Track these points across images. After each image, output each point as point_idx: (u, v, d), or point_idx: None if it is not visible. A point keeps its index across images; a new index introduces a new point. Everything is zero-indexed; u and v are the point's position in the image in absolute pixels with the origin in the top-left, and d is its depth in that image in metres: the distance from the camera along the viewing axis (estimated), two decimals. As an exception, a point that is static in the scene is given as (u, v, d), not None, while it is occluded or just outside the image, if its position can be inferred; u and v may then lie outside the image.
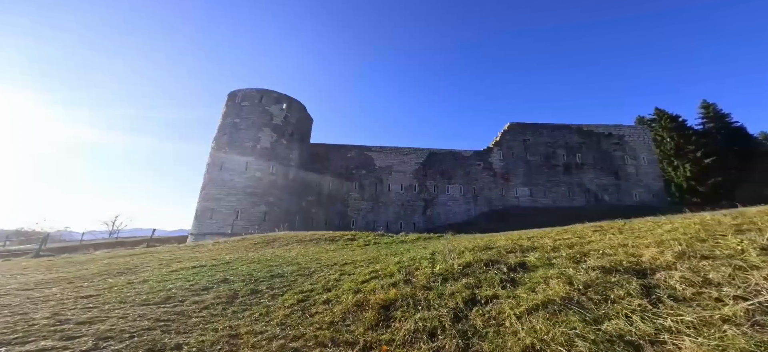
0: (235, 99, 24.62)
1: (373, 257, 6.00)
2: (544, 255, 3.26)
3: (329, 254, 7.20)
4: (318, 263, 6.02)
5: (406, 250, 6.48)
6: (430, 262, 4.16)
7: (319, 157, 29.45)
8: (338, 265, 5.43)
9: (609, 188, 22.45)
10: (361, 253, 6.93)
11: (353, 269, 4.94)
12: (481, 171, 25.27)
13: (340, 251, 7.69)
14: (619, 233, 3.85)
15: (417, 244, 7.69)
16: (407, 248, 6.77)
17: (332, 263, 5.66)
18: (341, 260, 5.98)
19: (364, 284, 3.87)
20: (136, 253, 9.37)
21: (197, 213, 21.78)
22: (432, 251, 4.90)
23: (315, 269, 5.32)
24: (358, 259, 5.86)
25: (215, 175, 22.45)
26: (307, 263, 6.11)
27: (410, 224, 25.56)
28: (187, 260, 7.44)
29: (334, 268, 5.24)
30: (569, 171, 23.46)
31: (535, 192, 23.25)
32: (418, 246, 7.08)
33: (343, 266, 5.26)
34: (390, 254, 6.04)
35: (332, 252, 7.69)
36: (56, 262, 8.60)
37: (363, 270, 4.59)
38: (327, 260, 6.14)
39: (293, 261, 6.40)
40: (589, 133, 24.58)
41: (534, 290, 2.54)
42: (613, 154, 23.59)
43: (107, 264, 7.34)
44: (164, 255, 8.48)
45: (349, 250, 7.87)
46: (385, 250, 7.02)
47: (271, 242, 10.38)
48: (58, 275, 6.26)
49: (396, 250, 6.75)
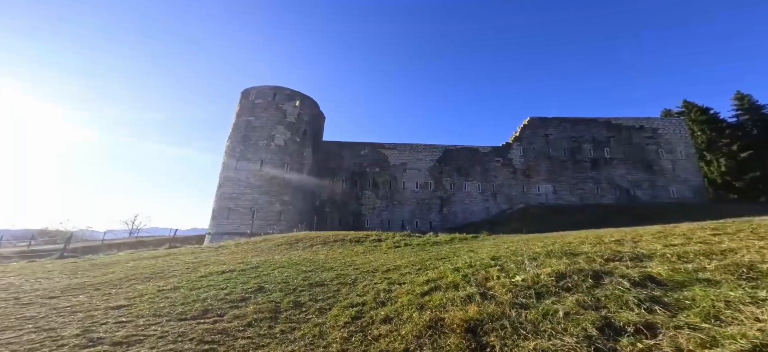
0: (249, 97, 24.48)
1: (414, 261, 5.45)
2: (674, 266, 2.64)
3: (362, 258, 6.71)
4: (354, 267, 5.53)
5: (449, 253, 5.90)
6: (498, 269, 3.58)
7: (332, 155, 29.11)
8: (380, 272, 4.91)
9: (642, 184, 21.10)
10: (398, 256, 6.40)
11: (400, 276, 4.41)
12: (500, 168, 24.35)
13: (372, 254, 7.19)
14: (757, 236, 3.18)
15: (455, 245, 7.10)
16: (450, 251, 6.18)
17: (372, 269, 5.15)
18: (381, 264, 5.46)
19: (425, 297, 3.34)
20: (159, 254, 9.15)
21: (214, 213, 21.80)
22: (492, 256, 4.32)
23: (355, 276, 4.82)
24: (400, 264, 5.34)
25: (231, 174, 22.40)
26: (342, 268, 5.63)
27: (426, 223, 24.94)
28: (213, 263, 7.10)
29: (377, 275, 4.72)
30: (597, 166, 22.22)
31: (559, 189, 22.18)
32: (460, 248, 6.48)
33: (387, 273, 4.74)
34: (434, 257, 5.47)
35: (363, 255, 7.20)
36: (80, 264, 8.45)
37: (415, 279, 4.05)
38: (364, 265, 5.64)
39: (326, 266, 5.94)
40: (618, 126, 23.19)
41: (725, 321, 1.83)
42: (646, 148, 22.16)
43: (132, 267, 7.08)
44: (188, 257, 8.20)
45: (380, 252, 7.36)
46: (425, 253, 6.46)
47: (293, 243, 10.01)
48: (84, 280, 6.00)
49: (437, 253, 6.18)
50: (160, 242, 23.57)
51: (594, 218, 14.56)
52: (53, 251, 14.96)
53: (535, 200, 22.45)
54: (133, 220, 32.09)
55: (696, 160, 21.43)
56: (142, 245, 20.60)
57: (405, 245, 8.10)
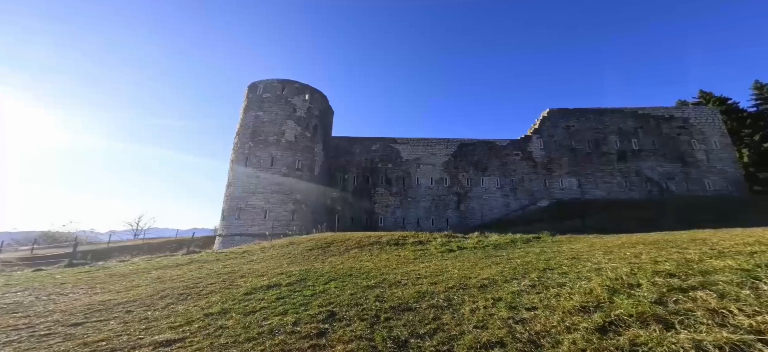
0: (257, 91, 23.44)
1: (503, 271, 4.57)
2: None
3: (421, 266, 5.88)
4: (429, 281, 4.68)
5: (538, 259, 4.98)
6: (705, 290, 2.61)
7: (342, 151, 28.19)
8: (473, 288, 4.02)
9: (675, 176, 20.28)
10: (468, 264, 5.52)
11: (513, 296, 3.50)
12: (520, 161, 23.51)
13: (430, 261, 6.33)
14: None
15: (531, 248, 6.18)
16: (536, 256, 5.23)
17: (458, 284, 4.28)
18: (461, 276, 4.58)
19: (608, 336, 2.35)
20: (181, 262, 8.30)
21: (224, 213, 20.95)
22: (633, 268, 3.48)
23: (443, 294, 3.95)
24: (488, 275, 4.48)
25: (240, 172, 21.49)
26: (411, 281, 4.79)
27: (443, 221, 24.18)
28: (249, 274, 6.27)
29: (471, 292, 3.84)
30: (624, 159, 21.37)
31: (584, 183, 21.38)
32: (538, 252, 5.60)
33: (485, 290, 3.86)
34: (524, 266, 4.60)
35: (420, 262, 6.36)
36: (95, 275, 7.60)
37: (553, 302, 3.06)
38: (436, 276, 4.80)
39: (388, 278, 5.11)
40: (646, 116, 22.28)
41: None
42: (677, 139, 21.29)
43: (158, 279, 6.25)
44: (216, 266, 7.36)
45: (437, 258, 6.53)
46: (499, 259, 5.56)
47: (325, 247, 9.18)
48: (107, 297, 5.16)
49: (522, 259, 5.24)
50: (169, 244, 22.76)
51: (642, 211, 13.70)
52: (59, 256, 14.09)
53: (559, 194, 21.67)
54: (138, 221, 31.27)
55: (733, 150, 20.58)
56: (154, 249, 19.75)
57: (458, 248, 7.28)
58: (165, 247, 21.70)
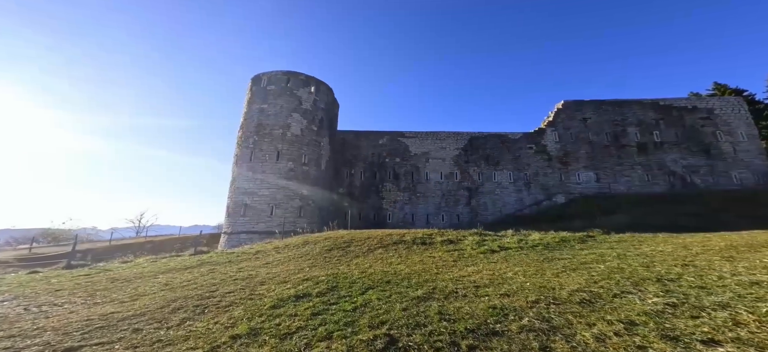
0: (261, 83, 22.52)
1: (606, 281, 3.82)
2: None
3: (468, 270, 5.14)
4: (502, 293, 3.94)
5: (630, 265, 4.23)
6: None
7: (348, 145, 27.36)
8: (596, 309, 3.20)
9: (700, 169, 19.47)
10: (541, 271, 4.72)
11: (661, 322, 2.77)
12: (533, 155, 22.70)
13: (483, 265, 5.55)
14: None
15: (601, 251, 5.38)
16: (630, 263, 4.41)
17: (549, 297, 3.53)
18: (559, 290, 3.79)
19: None
20: (189, 264, 7.56)
21: (229, 210, 20.22)
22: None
23: (549, 316, 3.05)
24: (589, 287, 3.70)
25: (245, 167, 20.71)
26: (491, 296, 4.03)
27: (454, 217, 23.47)
28: (270, 280, 5.54)
29: (594, 314, 2.98)
30: (645, 151, 20.55)
31: (602, 176, 20.60)
32: (604, 253, 4.81)
33: (596, 305, 3.13)
34: (625, 275, 3.84)
35: (473, 267, 5.60)
36: (95, 278, 6.87)
37: (719, 329, 2.34)
38: (526, 290, 4.03)
39: (438, 286, 4.37)
40: (667, 107, 21.39)
41: None
42: (701, 131, 20.43)
43: (167, 286, 5.51)
44: (229, 269, 6.63)
45: (485, 261, 5.77)
46: (577, 266, 4.75)
47: (343, 247, 8.45)
48: (109, 310, 4.43)
49: (611, 267, 4.39)
50: (172, 242, 22.09)
51: (667, 206, 12.94)
52: (58, 256, 13.37)
53: (576, 188, 20.90)
54: (140, 218, 30.56)
55: (760, 141, 19.75)
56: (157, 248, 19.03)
57: (500, 249, 6.53)
58: (168, 245, 21.02)
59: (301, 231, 13.50)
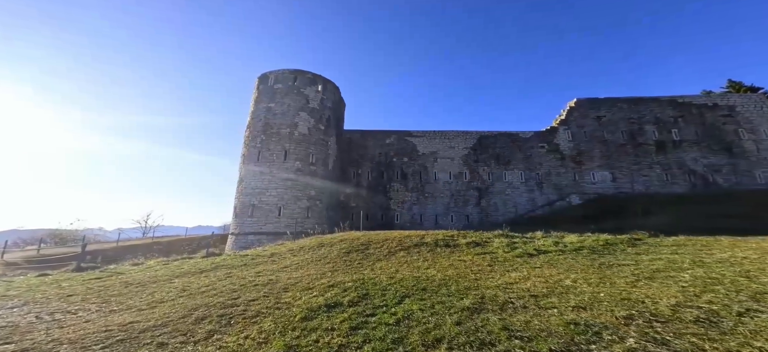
0: (268, 82, 22.28)
1: (710, 294, 3.32)
2: None
3: (523, 276, 4.75)
4: (573, 304, 3.55)
5: (719, 273, 3.74)
6: None
7: (355, 144, 27.06)
8: (725, 331, 2.64)
9: (722, 169, 18.87)
10: (604, 279, 4.29)
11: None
12: (545, 154, 22.22)
13: (526, 270, 5.12)
14: None
15: (664, 256, 4.89)
16: (720, 272, 3.84)
17: (644, 311, 3.13)
18: (651, 303, 3.41)
19: None
20: (204, 267, 7.26)
21: (236, 211, 19.98)
22: None
23: (683, 347, 2.49)
24: (693, 302, 3.29)
25: (252, 167, 20.46)
26: (564, 308, 3.64)
27: (463, 217, 23.06)
28: (292, 285, 5.20)
29: (729, 339, 2.50)
30: (664, 150, 19.97)
31: (618, 176, 20.06)
32: (706, 263, 4.31)
33: (721, 327, 2.59)
34: (729, 286, 3.39)
35: (515, 272, 5.19)
36: (107, 282, 6.59)
37: None
38: (605, 302, 3.65)
39: (506, 300, 3.99)
40: (686, 105, 20.78)
41: None
42: (722, 128, 19.81)
43: (185, 292, 5.19)
44: (246, 273, 6.31)
45: (526, 266, 5.37)
46: (650, 274, 4.33)
47: (362, 249, 8.09)
48: (128, 319, 4.12)
49: (695, 276, 3.86)
50: (180, 243, 21.91)
51: (693, 206, 12.38)
52: (66, 257, 13.18)
53: (591, 188, 20.39)
54: (146, 219, 30.49)
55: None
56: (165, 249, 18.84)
57: (537, 252, 6.11)
58: (176, 246, 20.83)
59: (313, 232, 13.18)
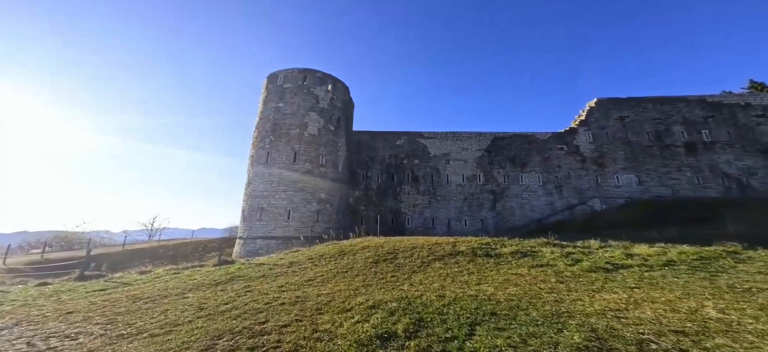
0: (277, 81, 21.76)
1: None
2: None
3: (622, 298, 3.95)
4: (747, 346, 2.80)
5: None
6: None
7: (364, 146, 26.41)
8: None
9: (758, 172, 17.81)
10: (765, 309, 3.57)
11: None
12: (564, 156, 21.33)
13: (622, 293, 4.32)
14: None
15: None
16: None
17: None
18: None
19: None
20: (219, 278, 6.55)
21: (244, 213, 19.37)
22: None
23: None
24: None
25: (261, 168, 19.88)
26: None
27: (477, 222, 22.21)
28: (325, 304, 4.44)
29: None
30: (694, 152, 18.98)
31: (644, 179, 19.09)
32: None
33: None
34: None
35: (606, 294, 4.41)
36: (114, 297, 5.91)
37: None
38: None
39: (648, 339, 3.23)
40: (717, 105, 19.78)
41: None
42: (757, 129, 18.78)
43: (203, 311, 4.48)
44: (269, 288, 5.58)
45: (621, 285, 4.54)
46: None
47: (390, 258, 7.33)
48: (139, 349, 3.42)
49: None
50: (186, 246, 21.34)
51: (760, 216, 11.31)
52: (70, 263, 12.60)
53: (614, 192, 19.46)
54: (152, 222, 30.05)
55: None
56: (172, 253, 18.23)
57: (614, 266, 5.27)
58: (182, 250, 20.23)
59: (328, 237, 12.45)
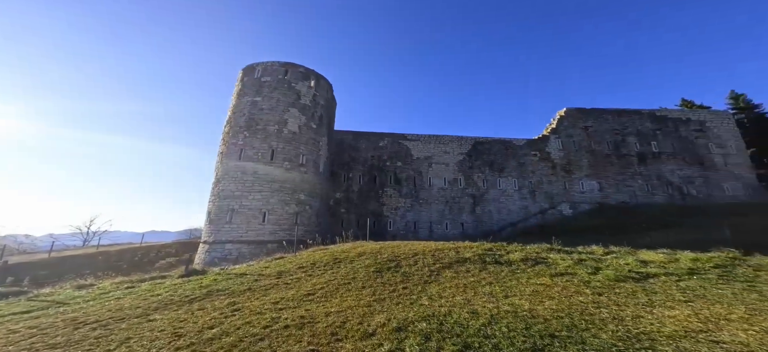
0: (254, 74, 20.07)
1: None
2: None
3: (679, 316, 3.83)
4: None
5: None
6: None
7: (346, 146, 25.57)
8: None
9: (695, 181, 20.52)
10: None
11: None
12: (538, 162, 22.67)
13: (672, 310, 4.19)
14: None
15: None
16: None
17: None
18: None
19: None
20: (191, 293, 5.40)
21: (211, 215, 17.35)
22: None
23: None
24: None
25: (232, 166, 18.03)
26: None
27: (458, 225, 22.58)
28: (340, 327, 3.77)
29: None
30: (644, 161, 21.31)
31: (605, 186, 20.98)
32: None
33: None
34: None
35: (656, 308, 4.23)
36: (45, 324, 4.51)
37: None
38: None
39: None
40: (663, 118, 22.49)
41: None
42: (695, 142, 21.65)
43: (177, 339, 3.51)
44: (261, 306, 4.67)
45: (660, 297, 4.48)
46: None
47: (393, 267, 6.80)
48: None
49: None
50: (133, 252, 18.48)
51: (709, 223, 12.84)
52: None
53: (579, 197, 21.07)
54: (89, 224, 25.59)
55: (747, 154, 21.38)
56: (115, 261, 15.60)
57: (641, 276, 5.25)
58: (129, 257, 17.48)
59: (312, 243, 11.49)
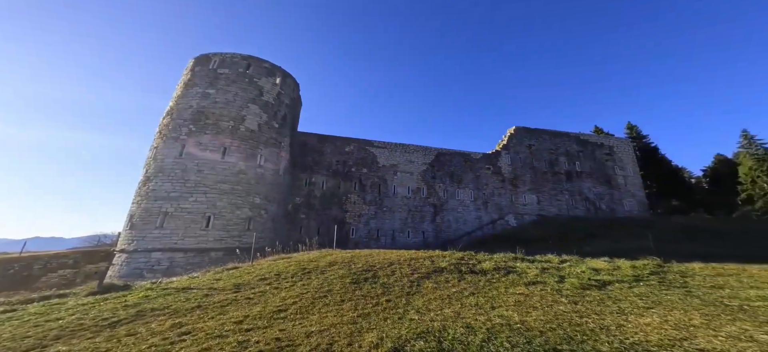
0: (209, 64, 17.84)
1: None
2: None
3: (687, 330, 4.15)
4: None
5: None
6: None
7: (310, 149, 24.34)
8: None
9: (604, 197, 24.87)
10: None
11: None
12: (491, 175, 24.84)
13: (649, 315, 4.47)
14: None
15: None
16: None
17: None
18: None
19: None
20: (115, 316, 4.23)
21: (134, 219, 14.49)
22: None
23: None
24: None
25: (170, 163, 15.48)
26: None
27: (419, 233, 23.18)
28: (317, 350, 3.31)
29: None
30: (570, 179, 25.10)
31: (542, 199, 24.00)
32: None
33: None
34: None
35: (647, 319, 4.45)
36: None
37: None
38: None
39: None
40: (585, 142, 26.99)
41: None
42: (606, 164, 26.34)
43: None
44: (222, 327, 3.89)
45: (634, 306, 4.89)
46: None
47: (370, 278, 6.52)
48: None
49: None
50: (12, 265, 14.33)
51: (626, 234, 15.62)
52: None
53: (523, 209, 23.67)
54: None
55: (640, 177, 26.88)
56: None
57: (598, 284, 5.80)
58: (4, 269, 13.56)
59: (271, 250, 10.37)
